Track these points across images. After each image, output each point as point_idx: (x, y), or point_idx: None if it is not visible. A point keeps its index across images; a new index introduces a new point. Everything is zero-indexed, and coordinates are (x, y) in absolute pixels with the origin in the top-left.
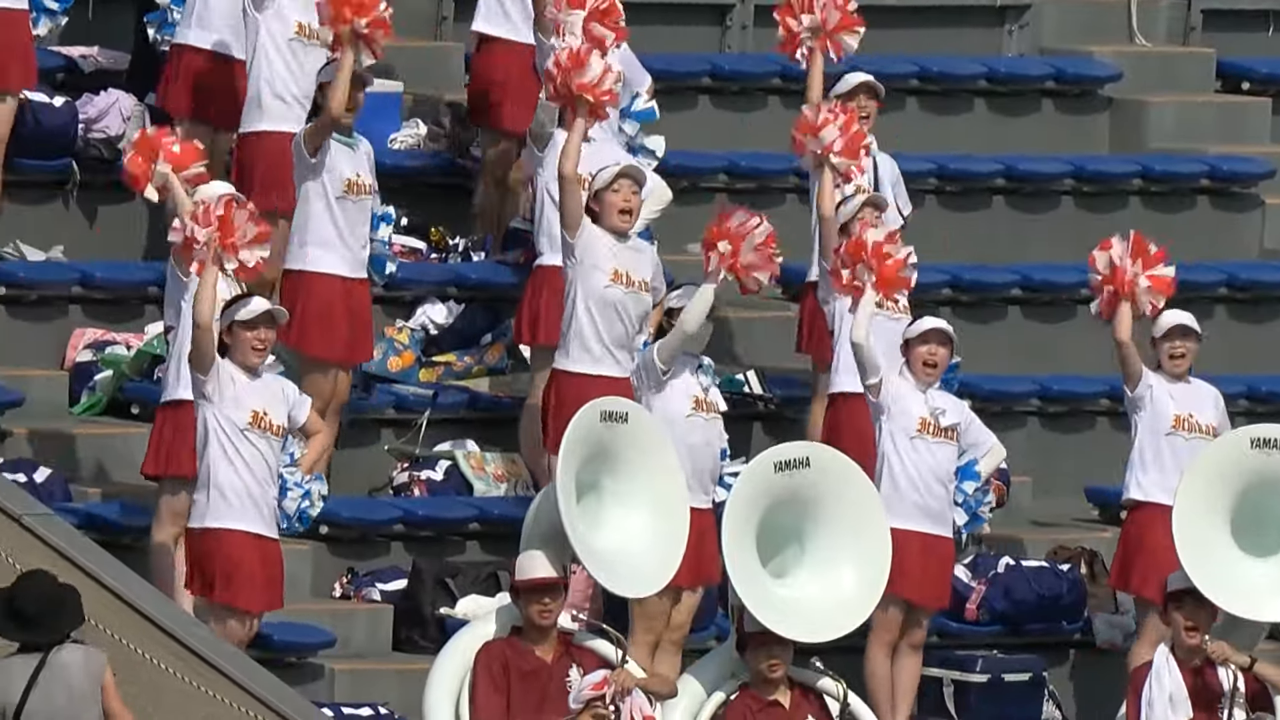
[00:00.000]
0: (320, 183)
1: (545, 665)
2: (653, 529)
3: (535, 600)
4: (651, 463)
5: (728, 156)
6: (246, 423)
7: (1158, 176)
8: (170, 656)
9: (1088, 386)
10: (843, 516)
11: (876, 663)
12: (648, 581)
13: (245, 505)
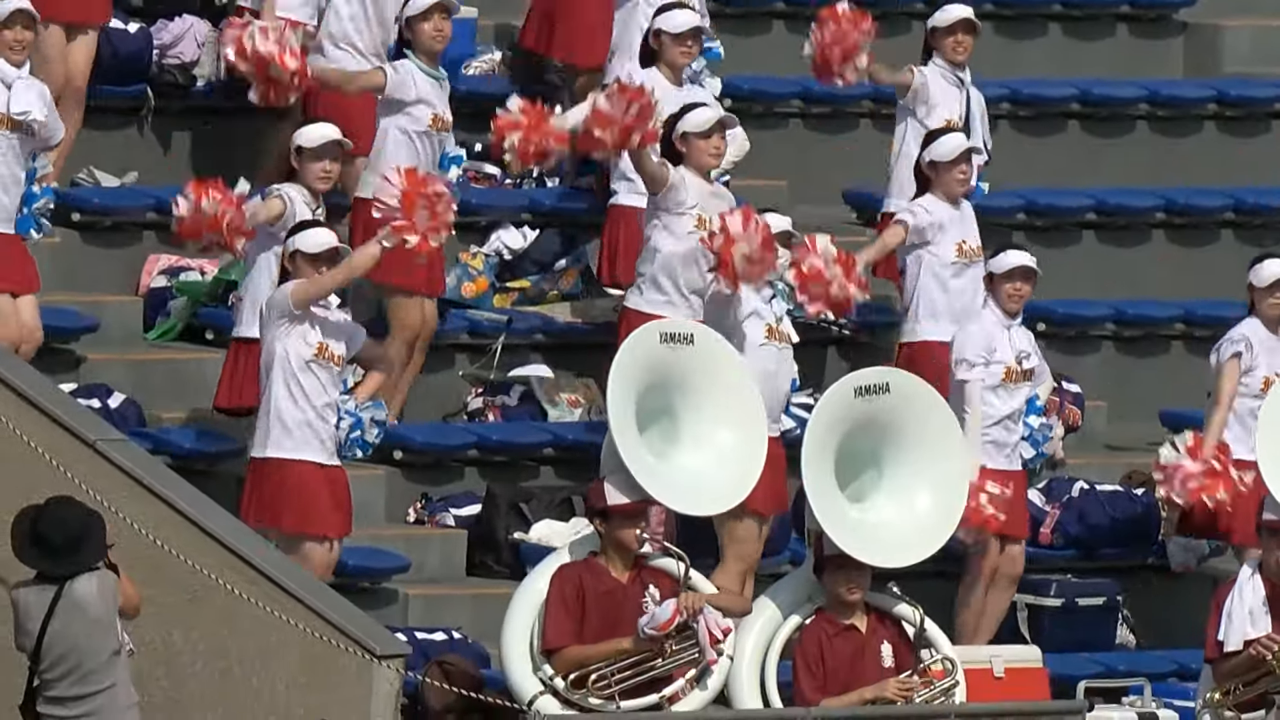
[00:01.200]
0: (406, 115)
1: (621, 585)
2: (733, 447)
3: (622, 525)
4: (725, 381)
5: (801, 82)
6: (312, 355)
7: (1233, 101)
8: (244, 582)
9: (1163, 311)
10: (922, 443)
11: (974, 596)
12: (726, 498)
13: (306, 435)
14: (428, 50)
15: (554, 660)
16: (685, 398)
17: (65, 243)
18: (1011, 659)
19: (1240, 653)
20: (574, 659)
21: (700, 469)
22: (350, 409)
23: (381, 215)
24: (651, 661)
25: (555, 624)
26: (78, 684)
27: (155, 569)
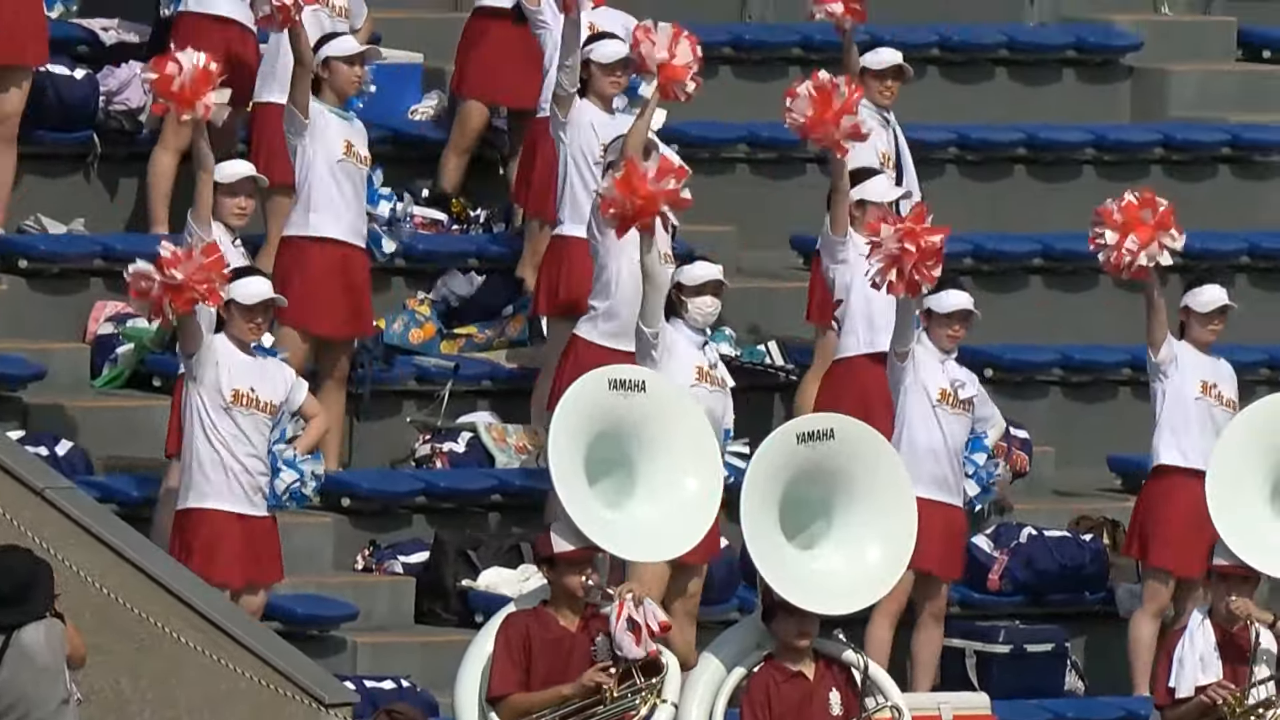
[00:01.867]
0: (316, 147)
1: (569, 634)
2: (693, 494)
3: (568, 572)
4: (681, 427)
5: (749, 127)
6: (229, 400)
7: (1179, 145)
8: (192, 630)
9: (1110, 355)
10: (872, 491)
11: (878, 632)
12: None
13: (229, 483)
14: (340, 92)
15: (499, 709)
16: (641, 447)
17: (12, 290)
18: (960, 706)
19: (1192, 699)
20: (518, 707)
21: (657, 518)
22: (290, 459)
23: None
24: (594, 709)
25: (500, 672)
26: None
27: (103, 617)
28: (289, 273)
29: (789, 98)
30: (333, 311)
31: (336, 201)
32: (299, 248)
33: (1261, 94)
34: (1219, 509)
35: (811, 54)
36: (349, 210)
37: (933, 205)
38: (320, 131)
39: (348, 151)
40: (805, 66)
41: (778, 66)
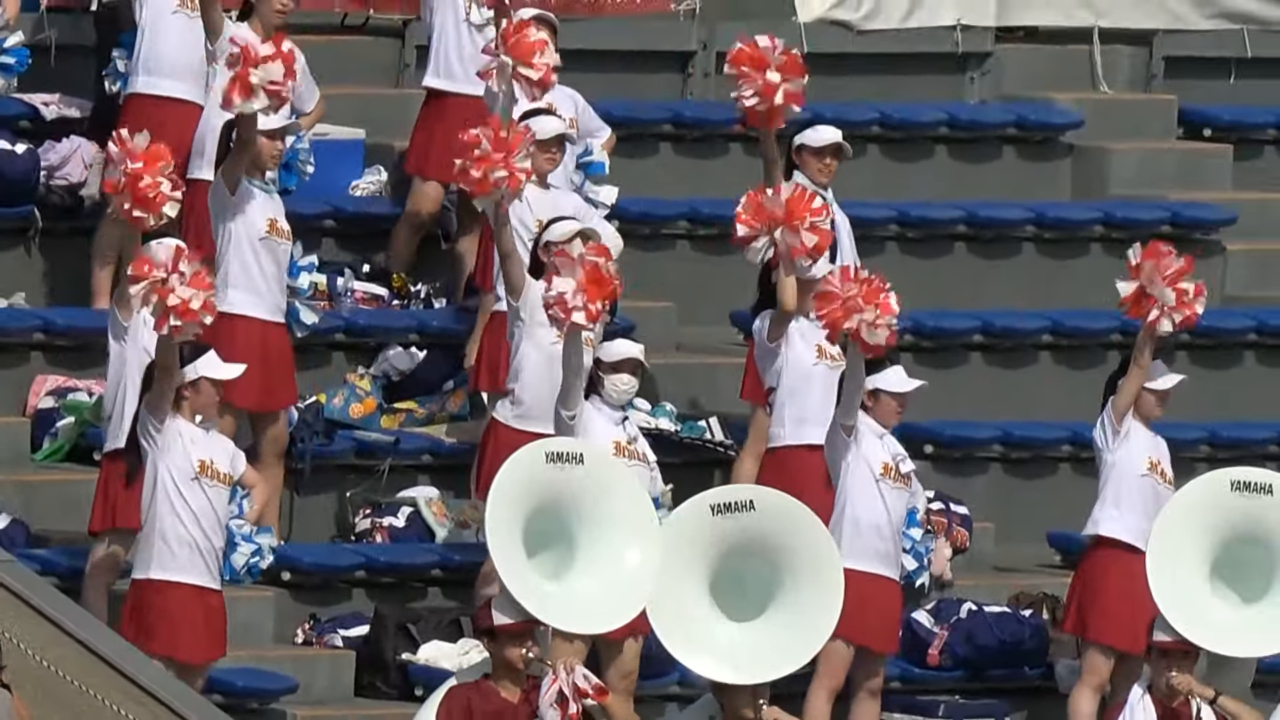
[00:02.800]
0: (240, 223)
1: (510, 705)
2: (633, 564)
3: (508, 644)
4: (620, 498)
5: (690, 203)
6: (196, 472)
7: (1119, 223)
8: (132, 704)
9: (1049, 432)
10: (795, 558)
11: (818, 707)
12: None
13: (192, 557)
14: (261, 167)
15: None
16: (580, 519)
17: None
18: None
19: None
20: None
21: (597, 588)
22: (246, 534)
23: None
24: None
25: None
26: None
27: (43, 689)
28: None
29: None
30: (250, 386)
31: (256, 278)
32: (224, 323)
33: (1201, 172)
34: (1159, 584)
35: (752, 132)
36: (268, 287)
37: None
38: (244, 207)
39: (271, 228)
40: (746, 143)
41: (718, 144)
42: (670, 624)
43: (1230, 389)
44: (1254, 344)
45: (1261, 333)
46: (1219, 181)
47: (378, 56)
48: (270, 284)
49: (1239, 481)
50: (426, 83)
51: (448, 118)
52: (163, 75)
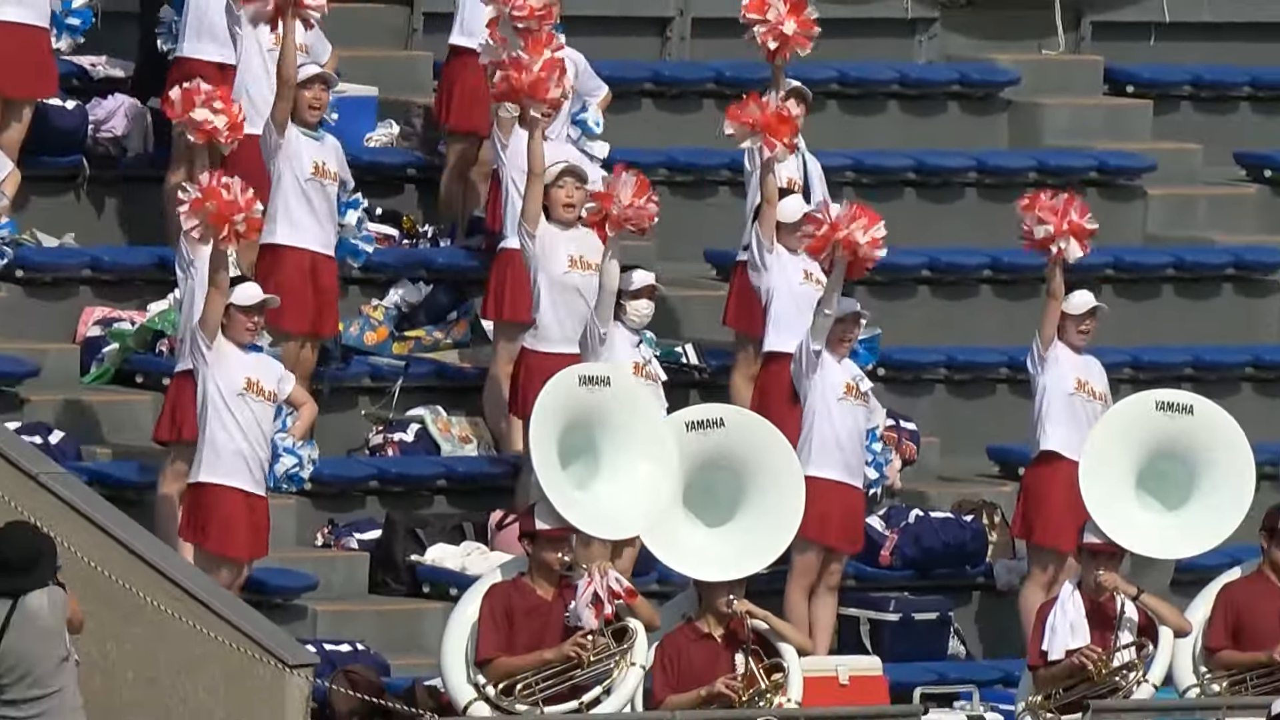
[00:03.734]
0: (287, 166)
1: (545, 602)
2: (648, 477)
3: (546, 548)
4: (641, 417)
5: (668, 153)
6: (241, 388)
7: (1052, 170)
8: (171, 600)
9: (989, 357)
10: (762, 470)
11: (794, 602)
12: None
13: (237, 464)
14: (303, 118)
15: (486, 670)
16: (605, 434)
17: (9, 297)
18: (855, 668)
19: (1062, 661)
20: (503, 669)
21: (618, 498)
22: (290, 446)
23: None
24: (571, 671)
25: (486, 638)
26: (31, 688)
27: (91, 589)
28: (264, 278)
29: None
30: (303, 313)
31: (304, 215)
32: (274, 255)
33: (1126, 124)
34: (1090, 492)
35: (724, 88)
36: (316, 224)
37: None
38: (290, 150)
39: (316, 170)
40: (718, 99)
41: (693, 100)
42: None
43: (1151, 318)
44: (1172, 278)
45: (1179, 268)
46: (1140, 133)
47: (389, 21)
48: (320, 220)
49: (1163, 402)
50: (452, 40)
51: (471, 71)
52: (207, 40)
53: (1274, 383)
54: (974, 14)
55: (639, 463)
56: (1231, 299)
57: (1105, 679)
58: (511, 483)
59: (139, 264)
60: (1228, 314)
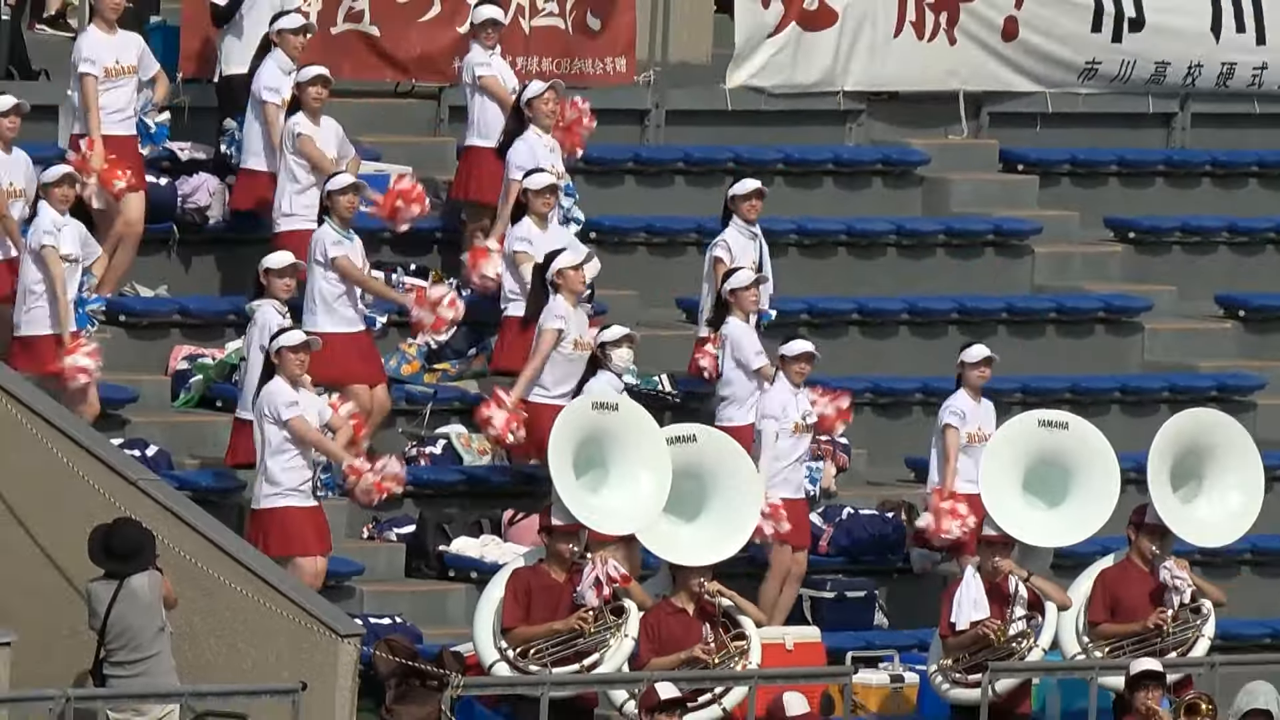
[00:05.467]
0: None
1: (558, 584)
2: (649, 484)
3: (559, 540)
4: (643, 436)
5: (646, 220)
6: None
7: (956, 233)
8: (244, 583)
9: (906, 385)
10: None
11: (771, 589)
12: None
13: (296, 485)
14: (342, 217)
15: (508, 637)
16: (613, 449)
17: (114, 338)
18: (798, 636)
19: (968, 631)
20: (521, 636)
21: (623, 501)
22: (326, 463)
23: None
24: (575, 640)
25: (508, 611)
26: (133, 652)
27: (181, 572)
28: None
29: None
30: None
31: (336, 305)
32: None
33: (1017, 196)
34: (987, 493)
35: (692, 167)
36: (346, 308)
37: (780, 278)
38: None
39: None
40: (686, 176)
41: (666, 177)
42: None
43: (1037, 353)
44: (1054, 320)
45: (1059, 312)
46: (1028, 203)
47: (421, 114)
48: (347, 306)
49: (1045, 420)
50: (468, 142)
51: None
52: (259, 156)
53: (1137, 405)
54: (894, 106)
55: (641, 472)
56: (1102, 337)
57: (1003, 645)
58: (519, 488)
59: (218, 311)
60: (1099, 349)
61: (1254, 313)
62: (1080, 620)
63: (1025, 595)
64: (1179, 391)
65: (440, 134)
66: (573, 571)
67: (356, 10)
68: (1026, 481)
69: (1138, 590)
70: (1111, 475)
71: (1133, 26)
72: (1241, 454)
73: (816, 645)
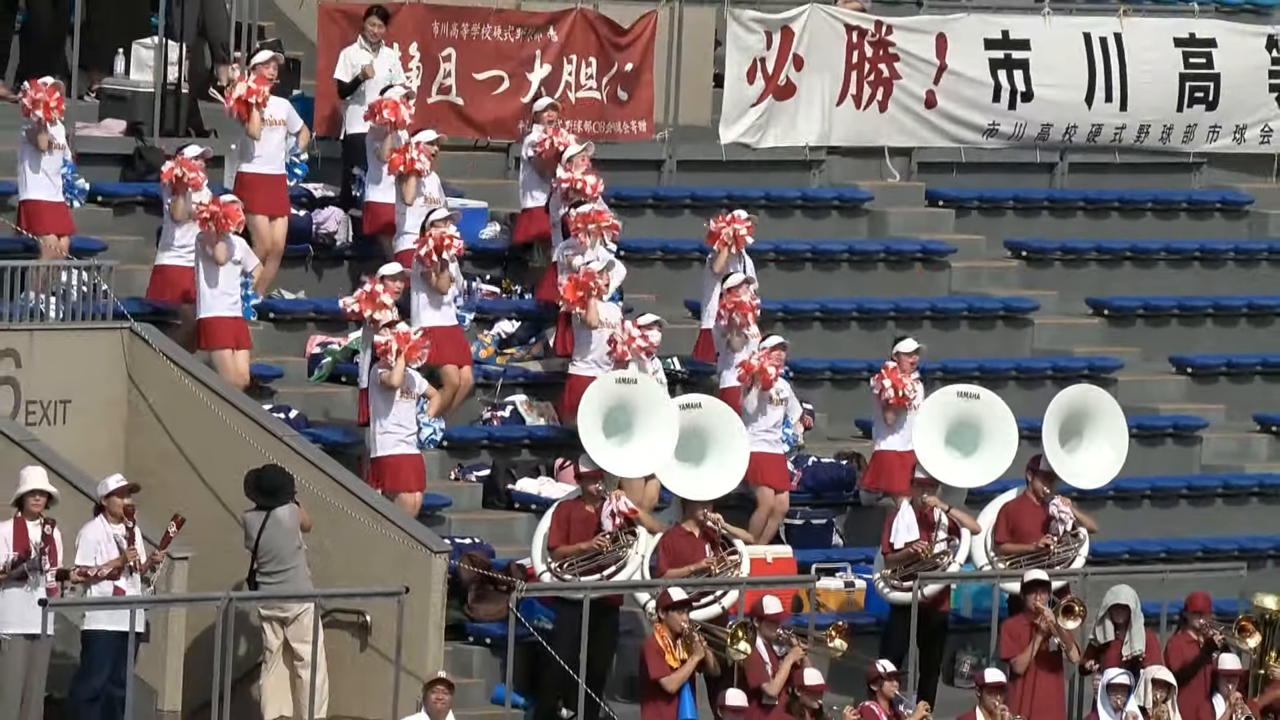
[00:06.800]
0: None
1: (590, 514)
2: (661, 440)
3: (589, 481)
4: (658, 404)
5: (662, 242)
6: (400, 395)
7: (893, 252)
8: (361, 512)
9: (856, 364)
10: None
11: (759, 519)
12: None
13: (399, 438)
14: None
15: (552, 554)
16: (634, 414)
17: (266, 330)
18: (776, 553)
19: (902, 549)
20: (561, 554)
21: (642, 452)
22: (428, 421)
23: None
24: (598, 556)
25: (552, 535)
26: (277, 565)
27: (314, 505)
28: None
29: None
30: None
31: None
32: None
33: (938, 224)
34: (919, 445)
35: (699, 203)
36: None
37: (761, 286)
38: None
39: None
40: (694, 210)
41: (678, 210)
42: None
43: (952, 343)
44: (966, 317)
45: (970, 311)
46: (947, 229)
47: (494, 162)
48: (446, 304)
49: (961, 391)
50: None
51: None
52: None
53: (1028, 381)
54: (846, 157)
55: (654, 432)
56: (1002, 330)
57: (929, 560)
58: (566, 443)
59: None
60: (1000, 339)
61: (1115, 311)
62: (988, 541)
63: (946, 523)
64: (1059, 371)
65: (509, 178)
66: (599, 506)
67: (446, 85)
68: (948, 438)
69: (1031, 519)
70: (1010, 434)
71: (1024, 98)
72: (1111, 418)
73: (789, 560)
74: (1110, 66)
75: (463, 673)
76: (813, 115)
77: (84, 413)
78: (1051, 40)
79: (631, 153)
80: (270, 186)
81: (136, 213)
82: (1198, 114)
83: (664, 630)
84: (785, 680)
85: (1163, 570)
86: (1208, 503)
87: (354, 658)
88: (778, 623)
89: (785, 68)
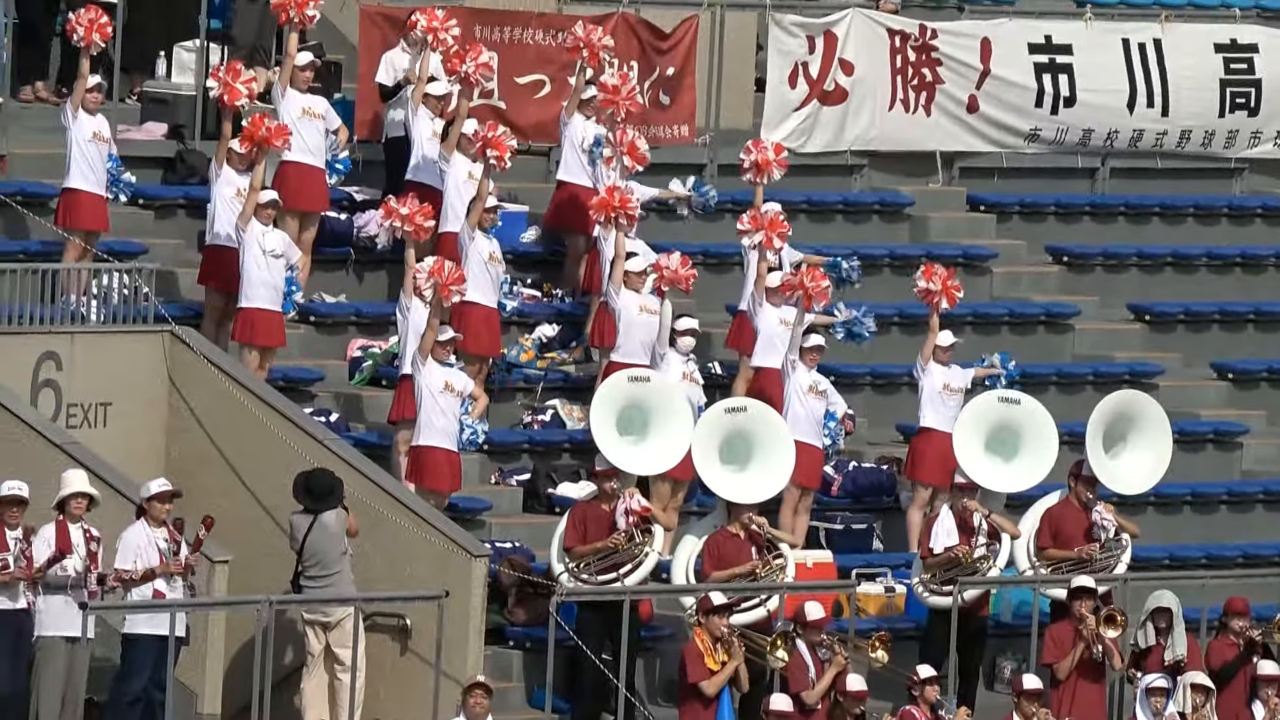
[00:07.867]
0: (473, 252)
1: (606, 513)
2: (674, 438)
3: (604, 480)
4: (671, 402)
5: (703, 246)
6: (442, 388)
7: (935, 257)
8: (400, 515)
9: (897, 370)
10: (770, 438)
11: (785, 517)
12: (664, 466)
13: (442, 432)
14: (483, 225)
15: (569, 555)
16: (647, 412)
17: (306, 332)
18: (816, 558)
19: (942, 554)
20: (578, 554)
21: (652, 451)
22: (469, 422)
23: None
24: (614, 555)
25: (568, 535)
26: (322, 570)
27: (357, 508)
28: (459, 323)
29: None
30: (483, 340)
31: (484, 285)
32: (464, 307)
33: (979, 229)
34: (960, 452)
35: (740, 207)
36: (491, 287)
37: None
38: (475, 245)
39: (489, 257)
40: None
41: (717, 215)
42: (703, 470)
43: (994, 347)
44: (1007, 322)
45: (1011, 316)
46: (988, 234)
47: (535, 165)
48: (492, 285)
49: (1002, 397)
50: (560, 176)
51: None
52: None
53: (1069, 386)
54: (888, 161)
55: (667, 430)
56: (1043, 335)
57: (969, 564)
58: None
59: (383, 313)
60: (1041, 344)
61: (1156, 317)
62: (1030, 545)
63: (986, 527)
64: (1100, 376)
65: (549, 182)
66: (614, 504)
67: (489, 89)
68: (988, 443)
69: (1074, 524)
70: (1051, 439)
71: (1066, 104)
72: (1156, 424)
73: (830, 565)
74: (1150, 72)
75: (502, 677)
76: (860, 121)
77: (124, 416)
78: (1093, 45)
79: (673, 157)
80: (310, 179)
81: (178, 216)
82: (1239, 119)
83: (704, 634)
84: (827, 689)
85: (1203, 576)
86: (1248, 508)
87: (394, 662)
88: (820, 628)
89: (832, 72)
